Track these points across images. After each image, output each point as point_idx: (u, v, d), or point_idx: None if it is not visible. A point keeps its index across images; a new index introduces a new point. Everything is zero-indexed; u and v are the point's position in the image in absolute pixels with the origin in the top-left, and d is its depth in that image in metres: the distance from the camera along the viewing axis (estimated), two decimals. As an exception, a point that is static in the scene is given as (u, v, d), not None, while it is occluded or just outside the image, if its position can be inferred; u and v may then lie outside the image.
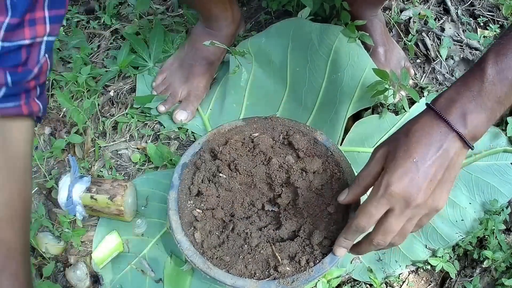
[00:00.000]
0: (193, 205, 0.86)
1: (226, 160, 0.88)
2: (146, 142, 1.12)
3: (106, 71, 1.19)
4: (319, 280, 0.90)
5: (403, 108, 1.08)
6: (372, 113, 1.09)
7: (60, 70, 1.23)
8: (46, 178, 1.08)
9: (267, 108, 1.10)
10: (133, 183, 1.02)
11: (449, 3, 1.31)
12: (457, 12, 1.30)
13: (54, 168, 1.11)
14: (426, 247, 0.97)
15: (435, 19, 1.28)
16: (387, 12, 1.29)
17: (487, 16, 1.29)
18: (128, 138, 1.14)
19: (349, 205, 0.83)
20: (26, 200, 0.62)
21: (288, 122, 0.93)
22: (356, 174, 0.85)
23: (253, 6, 1.33)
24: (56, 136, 1.15)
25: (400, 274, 0.96)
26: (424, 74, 1.21)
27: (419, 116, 0.64)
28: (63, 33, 1.27)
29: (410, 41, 1.22)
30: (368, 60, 1.07)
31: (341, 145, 1.05)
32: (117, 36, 1.29)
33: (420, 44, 1.24)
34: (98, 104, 1.15)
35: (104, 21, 1.29)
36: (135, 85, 1.18)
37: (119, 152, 1.13)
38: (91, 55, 1.25)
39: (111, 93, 1.18)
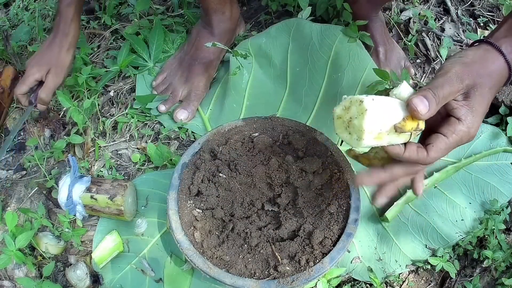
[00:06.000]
0: (193, 205, 0.86)
1: (225, 160, 0.88)
2: (146, 142, 1.13)
3: (106, 71, 1.19)
4: (319, 280, 0.90)
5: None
6: (372, 113, 1.09)
7: (60, 70, 1.23)
8: (46, 178, 1.08)
9: (267, 108, 1.10)
10: (133, 183, 1.02)
11: (449, 3, 1.31)
12: (457, 12, 1.30)
13: (54, 168, 1.11)
14: (426, 247, 0.97)
15: (435, 19, 1.28)
16: (387, 12, 1.29)
17: (487, 16, 1.29)
18: (128, 138, 1.14)
19: (349, 205, 0.83)
20: None
21: (288, 122, 0.93)
22: (355, 174, 0.85)
23: (253, 6, 1.33)
24: (55, 138, 1.15)
25: (400, 273, 0.96)
26: (424, 74, 1.21)
27: (490, 61, 0.65)
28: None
29: (410, 41, 1.23)
30: (369, 60, 1.07)
31: (341, 145, 1.05)
32: (117, 36, 1.29)
33: (420, 44, 1.24)
34: (98, 104, 1.15)
35: (104, 21, 1.29)
36: (135, 85, 1.18)
37: (119, 152, 1.13)
38: (91, 55, 1.25)
39: (111, 93, 1.18)
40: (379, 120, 0.60)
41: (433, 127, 0.65)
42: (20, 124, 1.09)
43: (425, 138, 0.65)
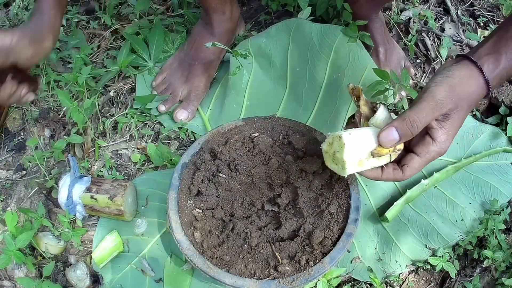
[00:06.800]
0: (193, 205, 0.86)
1: (226, 160, 0.88)
2: (146, 142, 1.13)
3: (106, 71, 1.19)
4: (319, 280, 0.90)
5: (403, 108, 1.08)
6: (372, 113, 1.09)
7: (60, 70, 1.23)
8: (46, 178, 1.08)
9: (267, 108, 1.10)
10: (133, 183, 1.02)
11: (449, 3, 1.31)
12: (457, 12, 1.30)
13: (54, 168, 1.11)
14: (426, 247, 0.97)
15: (435, 19, 1.28)
16: (387, 12, 1.29)
17: (487, 16, 1.29)
18: (128, 138, 1.14)
19: (349, 205, 0.83)
20: None
21: (288, 122, 0.93)
22: (356, 174, 0.85)
23: (253, 6, 1.33)
24: (55, 138, 1.15)
25: (400, 273, 0.96)
26: (424, 74, 1.21)
27: (471, 82, 0.67)
28: (63, 33, 1.27)
29: (410, 41, 1.23)
30: (369, 60, 1.07)
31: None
32: (117, 36, 1.29)
33: (420, 44, 1.24)
34: (98, 104, 1.15)
35: (104, 21, 1.29)
36: (135, 85, 1.18)
37: (119, 152, 1.13)
38: (91, 55, 1.25)
39: (111, 93, 1.18)
40: (357, 151, 0.68)
41: (410, 143, 0.71)
42: None
43: (401, 156, 0.72)
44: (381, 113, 0.73)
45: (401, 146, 0.71)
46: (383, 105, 0.74)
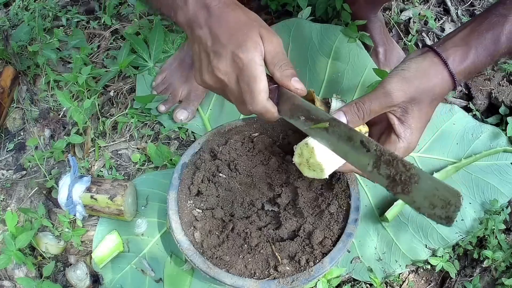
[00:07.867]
0: (193, 205, 0.86)
1: (225, 160, 0.88)
2: (146, 142, 1.12)
3: (106, 71, 1.19)
4: (319, 280, 0.90)
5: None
6: (372, 113, 1.09)
7: (60, 70, 1.23)
8: (46, 178, 1.08)
9: (267, 108, 1.10)
10: (133, 183, 1.02)
11: (449, 3, 1.31)
12: (457, 12, 1.30)
13: (54, 168, 1.11)
14: (426, 247, 0.97)
15: (435, 19, 1.28)
16: (387, 12, 1.29)
17: (487, 16, 1.29)
18: (128, 138, 1.14)
19: (349, 205, 0.83)
20: None
21: (288, 122, 0.93)
22: (355, 174, 0.85)
23: (253, 6, 1.33)
24: (55, 138, 1.15)
25: (400, 273, 0.96)
26: (424, 74, 1.21)
27: (433, 75, 0.64)
28: (63, 33, 1.27)
29: (410, 41, 1.23)
30: (368, 60, 1.07)
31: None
32: (117, 36, 1.29)
33: (420, 44, 1.24)
34: (98, 104, 1.15)
35: (104, 21, 1.29)
36: (135, 85, 1.18)
37: (119, 152, 1.13)
38: (91, 55, 1.25)
39: (111, 93, 1.18)
40: (327, 149, 0.67)
41: (380, 141, 0.70)
42: None
43: None
44: (335, 105, 0.72)
45: (365, 129, 0.70)
46: (335, 97, 0.72)
